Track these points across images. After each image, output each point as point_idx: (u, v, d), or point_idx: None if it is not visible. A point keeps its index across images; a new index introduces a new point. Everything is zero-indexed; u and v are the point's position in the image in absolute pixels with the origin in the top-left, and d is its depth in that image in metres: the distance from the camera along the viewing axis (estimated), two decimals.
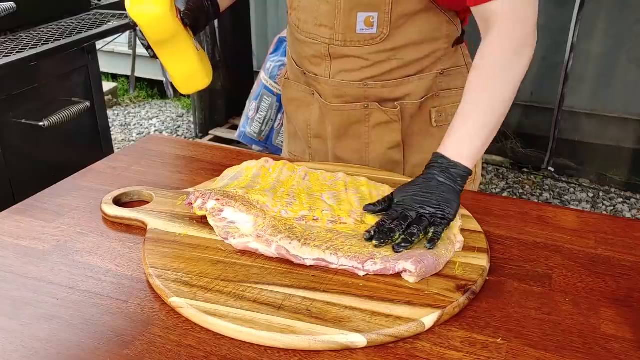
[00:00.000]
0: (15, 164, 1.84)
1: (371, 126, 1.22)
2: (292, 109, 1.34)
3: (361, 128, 1.22)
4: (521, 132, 3.40)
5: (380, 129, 1.21)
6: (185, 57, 1.15)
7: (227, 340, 0.75)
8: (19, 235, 0.98)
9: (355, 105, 1.20)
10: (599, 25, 3.06)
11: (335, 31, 1.13)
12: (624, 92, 3.14)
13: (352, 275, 0.85)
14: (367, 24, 1.11)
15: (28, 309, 0.81)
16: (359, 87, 1.18)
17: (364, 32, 1.11)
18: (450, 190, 0.92)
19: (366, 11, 1.09)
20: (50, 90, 1.99)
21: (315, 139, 1.31)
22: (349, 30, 1.12)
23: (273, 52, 3.07)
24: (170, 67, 1.16)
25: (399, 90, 1.18)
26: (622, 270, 0.91)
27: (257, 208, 0.93)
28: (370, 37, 1.12)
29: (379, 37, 1.12)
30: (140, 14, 1.06)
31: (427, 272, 0.84)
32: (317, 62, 1.20)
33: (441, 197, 0.91)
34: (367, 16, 1.10)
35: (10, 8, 1.81)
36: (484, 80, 0.97)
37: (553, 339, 0.76)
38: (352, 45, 1.14)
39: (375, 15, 1.09)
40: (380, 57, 1.14)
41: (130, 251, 0.94)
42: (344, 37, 1.13)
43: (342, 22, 1.12)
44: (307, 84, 1.27)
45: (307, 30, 1.18)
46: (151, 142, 1.34)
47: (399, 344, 0.75)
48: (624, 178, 3.25)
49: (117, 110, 4.32)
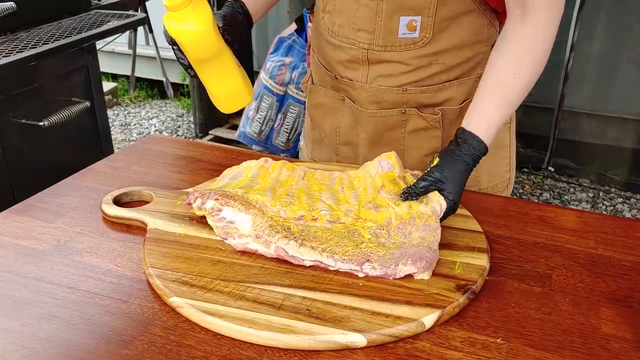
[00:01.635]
0: (15, 164, 1.84)
1: (407, 132, 1.18)
2: (318, 115, 1.29)
3: (397, 134, 1.19)
4: (521, 132, 3.39)
5: (417, 135, 1.18)
6: (227, 74, 1.08)
7: (227, 340, 0.75)
8: (19, 235, 0.98)
9: (392, 111, 1.16)
10: (599, 25, 3.06)
11: (375, 36, 1.09)
12: (624, 92, 3.14)
13: (352, 275, 0.85)
14: (410, 28, 1.07)
15: (28, 309, 0.81)
16: (397, 93, 1.14)
17: (406, 36, 1.08)
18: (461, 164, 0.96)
19: (409, 15, 1.06)
20: (50, 90, 1.99)
21: (344, 146, 1.26)
22: (390, 35, 1.09)
23: (273, 52, 3.07)
24: (212, 85, 1.09)
25: (439, 96, 1.15)
26: (622, 270, 0.91)
27: (255, 208, 0.93)
28: (412, 42, 1.08)
29: (421, 41, 1.08)
30: (181, 32, 0.99)
31: (431, 263, 0.85)
32: (354, 67, 1.15)
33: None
34: (410, 20, 1.06)
35: (10, 8, 1.81)
36: (516, 63, 1.00)
37: (553, 339, 0.76)
38: (392, 50, 1.10)
39: (418, 19, 1.06)
40: (421, 62, 1.11)
41: (130, 251, 0.94)
42: (385, 41, 1.10)
43: (383, 26, 1.08)
44: (335, 89, 1.22)
45: (343, 34, 1.13)
46: (151, 142, 1.34)
47: (399, 344, 0.75)
48: (624, 178, 3.25)
49: (117, 110, 4.32)
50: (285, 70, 3.00)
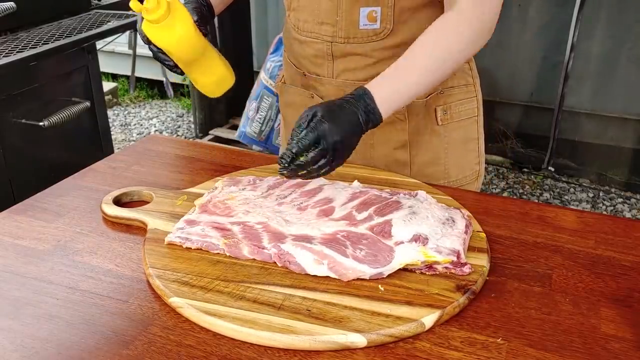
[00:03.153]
0: (15, 164, 1.84)
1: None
2: (290, 114, 1.32)
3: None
4: (521, 132, 3.40)
5: (385, 129, 1.20)
6: (212, 65, 1.11)
7: (227, 340, 0.75)
8: (19, 235, 0.98)
9: None
10: (599, 25, 3.06)
11: (337, 28, 1.13)
12: (624, 92, 3.14)
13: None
14: (370, 18, 1.10)
15: (28, 309, 0.81)
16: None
17: (367, 27, 1.11)
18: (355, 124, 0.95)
19: (369, 5, 1.09)
20: (50, 90, 1.99)
21: None
22: (351, 26, 1.12)
23: (273, 52, 3.07)
24: (200, 79, 1.12)
25: None
26: (622, 270, 0.91)
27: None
28: (373, 33, 1.11)
29: (382, 32, 1.11)
30: (167, 40, 1.00)
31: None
32: (319, 62, 1.19)
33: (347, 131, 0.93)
34: (370, 10, 1.09)
35: (10, 8, 1.81)
36: (431, 47, 1.01)
37: (553, 339, 0.76)
38: (355, 42, 1.13)
39: (378, 9, 1.09)
40: (384, 54, 1.13)
41: (130, 251, 0.94)
42: (347, 33, 1.12)
43: (344, 17, 1.11)
44: (305, 87, 1.25)
45: (307, 29, 1.17)
46: (151, 142, 1.34)
47: (399, 344, 0.75)
48: (624, 178, 3.25)
49: (117, 110, 4.32)
50: None
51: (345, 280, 0.84)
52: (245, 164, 1.22)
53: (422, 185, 1.11)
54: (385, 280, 0.84)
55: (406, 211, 0.93)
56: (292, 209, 0.98)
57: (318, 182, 1.05)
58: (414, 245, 0.86)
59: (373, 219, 0.93)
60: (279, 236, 0.90)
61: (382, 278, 0.84)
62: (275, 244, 0.88)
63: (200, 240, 0.90)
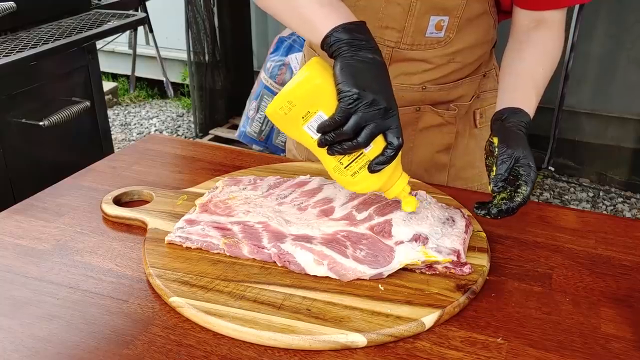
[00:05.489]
0: (15, 164, 1.84)
1: (419, 130, 1.20)
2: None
3: (407, 132, 1.18)
4: None
5: (429, 132, 1.20)
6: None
7: (227, 340, 0.75)
8: (19, 235, 0.98)
9: (408, 109, 1.18)
10: (599, 25, 3.06)
11: (404, 34, 1.10)
12: (624, 92, 3.14)
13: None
14: (437, 27, 1.09)
15: (28, 309, 0.81)
16: (416, 91, 1.16)
17: (432, 35, 1.10)
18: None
19: (439, 15, 1.08)
20: (50, 90, 1.99)
21: None
22: (418, 34, 1.10)
23: (273, 52, 3.07)
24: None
25: (453, 93, 1.18)
26: (622, 270, 0.91)
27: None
28: (436, 41, 1.11)
29: (444, 40, 1.11)
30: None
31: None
32: None
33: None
34: (439, 20, 1.08)
35: (10, 8, 1.81)
36: (543, 66, 1.06)
37: (553, 339, 0.76)
38: (417, 49, 1.12)
39: (446, 19, 1.08)
40: (441, 60, 1.13)
41: (130, 251, 0.94)
42: (413, 40, 1.11)
43: (413, 24, 1.09)
44: None
45: None
46: (151, 141, 1.34)
47: (399, 344, 0.75)
48: (624, 178, 3.25)
49: (117, 110, 4.32)
50: (285, 69, 3.00)
51: (345, 281, 0.84)
52: (245, 164, 1.22)
53: (422, 185, 1.11)
54: (386, 280, 0.84)
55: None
56: (292, 208, 0.98)
57: (318, 182, 1.05)
58: (414, 245, 0.86)
59: (373, 219, 0.93)
60: (279, 236, 0.90)
61: (382, 278, 0.84)
62: (275, 243, 0.88)
63: (201, 240, 0.90)
